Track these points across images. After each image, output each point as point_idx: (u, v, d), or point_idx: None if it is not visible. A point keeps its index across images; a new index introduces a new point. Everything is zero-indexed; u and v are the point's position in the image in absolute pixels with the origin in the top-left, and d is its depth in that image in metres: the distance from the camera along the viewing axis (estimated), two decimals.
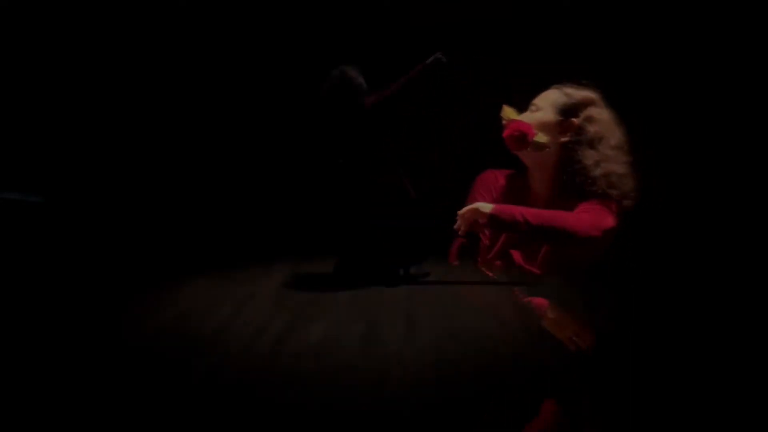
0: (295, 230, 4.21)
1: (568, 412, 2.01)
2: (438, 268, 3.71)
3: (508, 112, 1.82)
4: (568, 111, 1.80)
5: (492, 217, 1.74)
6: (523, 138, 1.79)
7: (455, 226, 1.77)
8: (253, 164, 4.69)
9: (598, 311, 2.70)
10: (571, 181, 1.97)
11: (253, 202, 4.61)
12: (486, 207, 1.79)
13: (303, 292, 3.14)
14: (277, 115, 4.60)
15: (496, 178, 2.23)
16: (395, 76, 3.37)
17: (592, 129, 1.81)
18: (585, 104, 1.80)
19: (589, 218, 1.86)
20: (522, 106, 4.31)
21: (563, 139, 1.78)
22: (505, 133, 1.80)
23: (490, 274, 1.76)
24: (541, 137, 1.77)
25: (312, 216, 3.68)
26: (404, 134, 5.07)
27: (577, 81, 1.88)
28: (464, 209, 1.82)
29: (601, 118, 1.83)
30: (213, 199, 4.65)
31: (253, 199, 4.63)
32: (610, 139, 1.84)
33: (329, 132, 3.35)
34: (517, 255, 1.84)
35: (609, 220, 2.06)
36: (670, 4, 4.25)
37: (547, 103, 1.82)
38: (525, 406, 2.05)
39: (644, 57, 4.27)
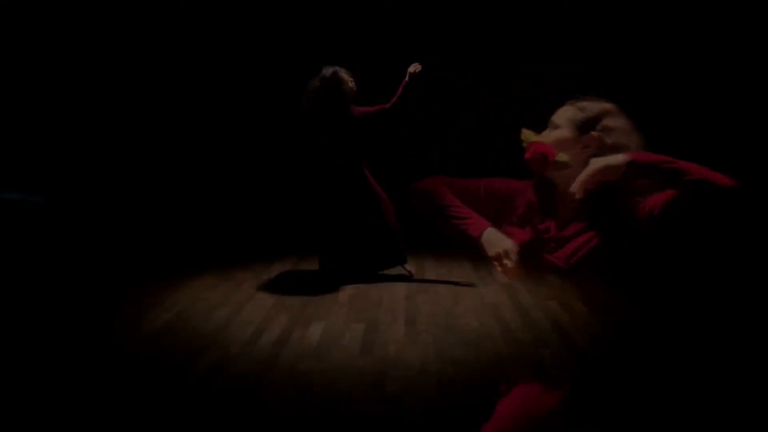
0: (295, 230, 4.21)
1: (568, 411, 2.01)
2: (438, 268, 3.73)
3: (528, 135, 1.80)
4: (586, 126, 1.78)
5: (633, 164, 1.67)
6: (544, 159, 1.77)
7: (572, 193, 1.67)
8: (253, 165, 4.69)
9: (609, 310, 2.72)
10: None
11: (254, 203, 4.61)
12: (616, 158, 1.70)
13: (303, 292, 3.14)
14: (277, 116, 4.59)
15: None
16: (394, 76, 3.38)
17: (609, 140, 1.80)
18: (601, 115, 1.79)
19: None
20: (521, 106, 4.30)
21: (587, 154, 1.76)
22: (527, 156, 1.78)
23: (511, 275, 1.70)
24: (562, 156, 1.76)
25: (311, 216, 3.67)
26: (404, 134, 5.09)
27: (592, 94, 1.87)
28: (588, 174, 1.68)
29: (616, 126, 1.81)
30: (213, 201, 4.65)
31: (253, 200, 4.63)
32: (629, 146, 1.82)
33: (318, 131, 3.35)
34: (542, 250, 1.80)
35: None
36: (669, 4, 4.25)
37: (564, 121, 1.81)
38: (524, 405, 2.05)
39: (644, 57, 4.27)
